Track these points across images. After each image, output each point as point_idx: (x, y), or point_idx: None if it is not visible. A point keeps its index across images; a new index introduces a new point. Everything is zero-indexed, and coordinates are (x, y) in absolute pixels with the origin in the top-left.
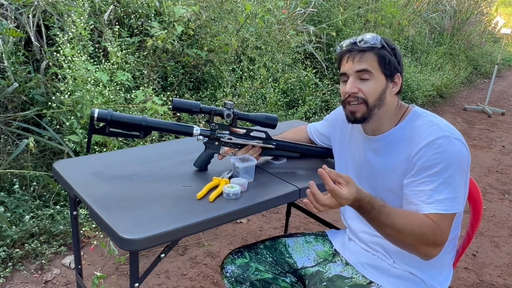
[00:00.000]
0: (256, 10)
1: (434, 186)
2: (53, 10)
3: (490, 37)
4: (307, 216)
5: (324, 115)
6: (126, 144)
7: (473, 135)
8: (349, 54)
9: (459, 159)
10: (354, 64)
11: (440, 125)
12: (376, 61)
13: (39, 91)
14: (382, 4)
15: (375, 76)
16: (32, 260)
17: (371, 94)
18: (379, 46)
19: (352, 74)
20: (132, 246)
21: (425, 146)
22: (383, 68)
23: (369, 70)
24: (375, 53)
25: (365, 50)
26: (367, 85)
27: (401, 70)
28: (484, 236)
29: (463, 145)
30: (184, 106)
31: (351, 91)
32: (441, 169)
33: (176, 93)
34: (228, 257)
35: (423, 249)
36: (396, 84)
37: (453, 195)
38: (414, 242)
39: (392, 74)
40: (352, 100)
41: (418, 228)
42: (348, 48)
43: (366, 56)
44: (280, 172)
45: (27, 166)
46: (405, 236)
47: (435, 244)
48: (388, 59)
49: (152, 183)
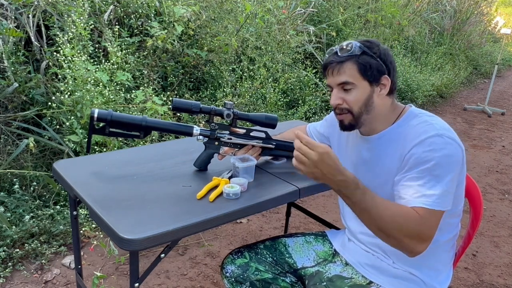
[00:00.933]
0: (256, 10)
1: (423, 182)
2: (53, 10)
3: (490, 37)
4: (307, 216)
5: (324, 115)
6: (126, 144)
7: (473, 135)
8: (329, 66)
9: (451, 158)
10: (334, 77)
11: (434, 125)
12: (356, 69)
13: (39, 91)
14: (382, 4)
15: (357, 85)
16: (32, 260)
17: (355, 103)
18: (358, 53)
19: (335, 87)
20: (132, 246)
21: (417, 144)
22: (365, 75)
23: (349, 82)
24: (354, 62)
25: (343, 61)
26: (350, 95)
27: (391, 69)
28: (484, 236)
29: (457, 145)
30: (184, 106)
31: (335, 103)
32: (431, 166)
33: (176, 93)
34: (228, 257)
35: (407, 242)
36: (385, 85)
37: (441, 193)
38: (397, 234)
39: (376, 78)
40: (338, 111)
41: (402, 219)
42: (329, 61)
43: (345, 67)
44: (280, 172)
45: (27, 166)
46: (388, 224)
47: (420, 238)
48: (369, 64)
49: (152, 183)
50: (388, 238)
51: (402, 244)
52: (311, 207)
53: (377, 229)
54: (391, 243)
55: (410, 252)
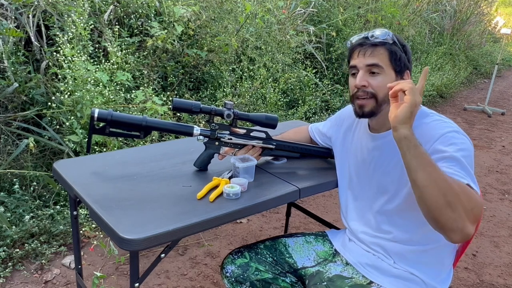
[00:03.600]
0: (256, 10)
1: (456, 170)
2: (53, 10)
3: (490, 37)
4: (307, 216)
5: (324, 115)
6: (126, 144)
7: (473, 135)
8: (360, 48)
9: (470, 153)
10: (365, 58)
11: (448, 123)
12: (387, 56)
13: (39, 91)
14: (382, 4)
15: (385, 71)
16: (32, 260)
17: (381, 88)
18: (391, 42)
19: (363, 68)
20: (132, 246)
21: (438, 139)
22: (394, 64)
23: (380, 65)
24: (386, 48)
25: (376, 45)
26: (377, 79)
27: (411, 68)
28: (484, 236)
29: (470, 142)
30: (184, 106)
31: (361, 84)
32: (458, 157)
33: (176, 93)
34: (228, 257)
35: (464, 218)
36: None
37: (474, 182)
38: (459, 205)
39: (402, 70)
40: (362, 94)
41: (463, 190)
42: (360, 42)
43: (377, 51)
44: (280, 172)
45: (27, 166)
46: (451, 187)
47: (474, 215)
48: (399, 55)
49: (152, 183)
50: (451, 210)
51: (459, 217)
52: (311, 207)
53: (442, 196)
54: (443, 215)
55: (460, 232)
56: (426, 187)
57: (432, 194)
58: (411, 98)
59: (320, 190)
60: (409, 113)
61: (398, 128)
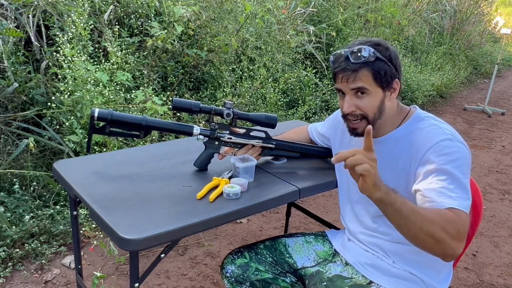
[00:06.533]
0: (256, 10)
1: (446, 184)
2: (53, 10)
3: (490, 37)
4: (307, 216)
5: (324, 115)
6: (126, 144)
7: (473, 135)
8: (343, 73)
9: (464, 161)
10: (348, 84)
11: (443, 129)
12: (371, 77)
13: (39, 91)
14: (382, 4)
15: (371, 91)
16: (32, 260)
17: (370, 109)
18: (373, 60)
19: (348, 92)
20: (132, 246)
21: (430, 148)
22: (379, 82)
23: (365, 87)
24: (368, 69)
25: (357, 69)
26: (364, 101)
27: (400, 72)
28: (484, 236)
29: (466, 148)
30: (184, 106)
31: (349, 111)
32: (449, 169)
33: (176, 93)
34: (228, 257)
35: (450, 243)
36: (395, 90)
37: (463, 193)
38: (442, 234)
39: (389, 84)
40: (352, 118)
41: (443, 220)
42: (342, 68)
43: (361, 73)
44: (280, 172)
45: (27, 166)
46: (434, 224)
47: (459, 237)
48: (384, 71)
49: (152, 183)
50: (430, 243)
51: (445, 245)
52: (311, 207)
53: (420, 231)
54: (431, 248)
55: (451, 254)
56: (411, 236)
57: (417, 237)
58: (362, 169)
59: (320, 190)
60: (370, 182)
61: (370, 196)
